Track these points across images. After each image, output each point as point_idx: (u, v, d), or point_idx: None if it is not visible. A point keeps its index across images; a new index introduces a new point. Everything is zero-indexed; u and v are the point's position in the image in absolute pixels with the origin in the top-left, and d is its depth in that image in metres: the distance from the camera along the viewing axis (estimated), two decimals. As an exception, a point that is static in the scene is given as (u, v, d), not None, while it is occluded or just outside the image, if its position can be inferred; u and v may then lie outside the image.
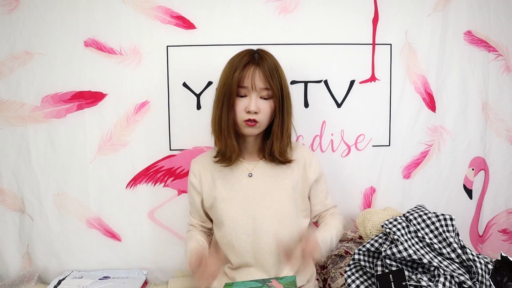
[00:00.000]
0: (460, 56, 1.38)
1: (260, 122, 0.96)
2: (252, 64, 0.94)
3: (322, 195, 1.08)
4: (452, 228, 0.99)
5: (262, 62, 0.94)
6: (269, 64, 0.94)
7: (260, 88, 0.94)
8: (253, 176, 1.01)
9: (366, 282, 0.99)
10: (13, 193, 1.32)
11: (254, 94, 0.94)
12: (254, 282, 0.91)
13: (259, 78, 0.93)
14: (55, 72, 1.28)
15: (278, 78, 0.95)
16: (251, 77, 0.92)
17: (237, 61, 0.95)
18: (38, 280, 1.31)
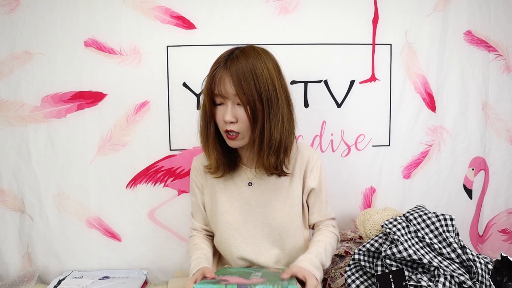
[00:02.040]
0: (460, 56, 1.38)
1: (242, 132, 0.86)
2: (221, 68, 0.84)
3: (319, 203, 1.01)
4: (452, 228, 0.99)
5: (232, 65, 0.82)
6: (242, 66, 0.82)
7: (231, 94, 0.83)
8: (253, 185, 0.97)
9: (366, 282, 0.99)
10: (13, 193, 1.32)
11: (229, 102, 0.84)
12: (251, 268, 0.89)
13: (227, 83, 0.82)
14: (55, 72, 1.28)
15: (254, 80, 0.81)
16: (219, 83, 0.83)
17: (213, 65, 0.87)
18: (38, 280, 1.31)
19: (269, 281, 0.75)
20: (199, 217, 1.06)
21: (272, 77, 0.85)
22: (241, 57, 0.84)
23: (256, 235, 0.97)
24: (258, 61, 0.84)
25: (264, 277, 0.78)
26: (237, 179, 0.97)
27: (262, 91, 0.82)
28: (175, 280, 1.33)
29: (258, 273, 0.83)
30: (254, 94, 0.82)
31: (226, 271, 0.88)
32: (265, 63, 0.85)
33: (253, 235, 0.97)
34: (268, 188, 0.97)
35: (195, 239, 1.03)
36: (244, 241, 0.97)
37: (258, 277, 0.78)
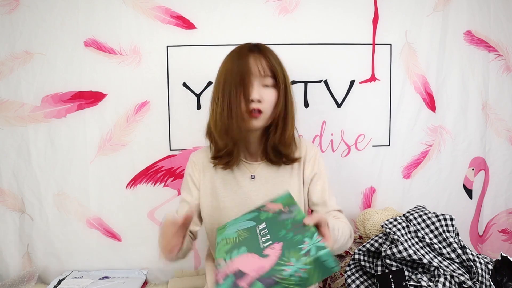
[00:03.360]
0: (460, 56, 1.38)
1: (265, 112, 0.88)
2: (254, 51, 0.89)
3: (322, 195, 0.98)
4: (452, 228, 0.99)
5: (265, 50, 0.90)
6: (272, 52, 0.91)
7: (264, 75, 0.88)
8: (256, 178, 0.97)
9: (366, 282, 0.99)
10: (13, 193, 1.32)
11: (256, 82, 0.87)
12: (248, 214, 0.83)
13: (262, 64, 0.87)
14: (55, 72, 1.29)
15: (281, 66, 0.90)
16: (253, 64, 0.87)
17: (237, 51, 0.91)
18: (38, 280, 1.31)
19: (286, 246, 0.65)
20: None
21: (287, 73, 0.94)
22: (268, 49, 0.92)
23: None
24: (279, 58, 0.93)
25: (277, 240, 0.67)
26: (237, 174, 0.97)
27: (285, 76, 0.91)
28: (175, 280, 1.33)
29: (264, 229, 0.74)
30: (283, 77, 0.90)
31: (224, 236, 0.79)
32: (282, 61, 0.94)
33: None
34: (269, 181, 0.97)
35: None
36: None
37: (269, 242, 0.68)
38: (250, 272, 0.63)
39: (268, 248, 0.67)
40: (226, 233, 0.80)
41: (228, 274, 0.65)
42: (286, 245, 0.65)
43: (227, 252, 0.72)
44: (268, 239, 0.69)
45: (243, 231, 0.77)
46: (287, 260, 0.61)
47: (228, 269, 0.66)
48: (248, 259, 0.67)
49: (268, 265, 0.62)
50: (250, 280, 0.61)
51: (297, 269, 0.59)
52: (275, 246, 0.66)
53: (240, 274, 0.63)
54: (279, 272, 0.59)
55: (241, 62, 0.87)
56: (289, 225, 0.70)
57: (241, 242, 0.73)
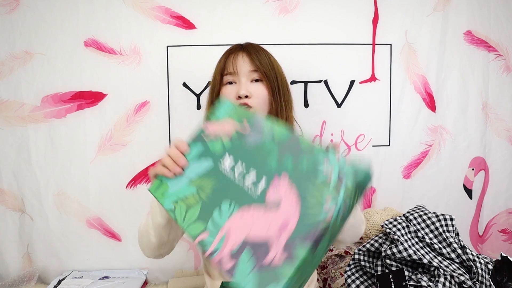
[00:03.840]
0: (460, 56, 1.38)
1: (255, 107, 0.85)
2: (236, 50, 0.89)
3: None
4: (452, 228, 0.99)
5: (248, 46, 0.89)
6: (256, 47, 0.89)
7: (248, 70, 0.86)
8: None
9: (366, 282, 0.99)
10: (13, 193, 1.32)
11: (243, 78, 0.86)
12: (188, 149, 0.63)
13: (244, 60, 0.86)
14: (55, 72, 1.28)
15: (267, 60, 0.87)
16: (234, 61, 0.86)
17: (225, 53, 0.90)
18: (38, 280, 1.31)
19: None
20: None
21: (280, 66, 0.92)
22: (254, 44, 0.91)
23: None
24: (270, 55, 0.91)
25: (271, 175, 0.49)
26: None
27: (275, 67, 0.89)
28: (175, 280, 1.33)
29: (235, 166, 0.53)
30: (270, 71, 0.87)
31: (174, 197, 0.57)
32: (272, 55, 0.92)
33: None
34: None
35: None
36: None
37: (259, 182, 0.49)
38: (270, 237, 0.43)
39: (268, 191, 0.47)
40: (173, 191, 0.55)
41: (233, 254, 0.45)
42: (296, 178, 0.46)
43: (201, 219, 0.50)
44: (253, 179, 0.49)
45: (203, 179, 0.53)
46: (317, 197, 0.43)
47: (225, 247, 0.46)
48: (249, 219, 0.46)
49: (292, 216, 0.44)
50: (280, 249, 0.42)
51: (340, 204, 0.42)
52: (275, 184, 0.47)
53: (254, 246, 0.44)
54: (320, 218, 0.42)
55: (224, 63, 0.87)
56: (274, 148, 0.50)
57: (212, 196, 0.51)
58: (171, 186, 0.58)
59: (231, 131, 0.57)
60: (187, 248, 1.37)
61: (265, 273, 0.42)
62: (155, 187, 0.61)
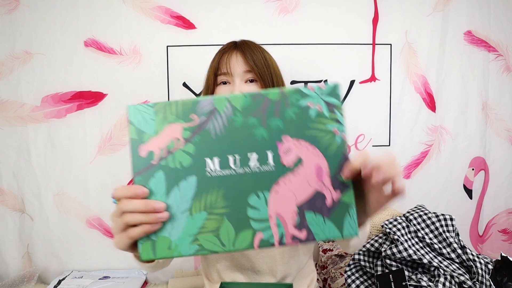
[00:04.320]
0: (460, 56, 1.38)
1: None
2: (230, 49, 0.86)
3: None
4: (452, 228, 0.99)
5: (242, 44, 0.86)
6: (250, 45, 0.86)
7: (242, 71, 0.83)
8: None
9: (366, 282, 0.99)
10: (13, 193, 1.32)
11: (237, 79, 0.83)
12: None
13: (238, 60, 0.83)
14: (55, 72, 1.28)
15: (262, 59, 0.84)
16: (228, 61, 0.83)
17: (221, 49, 0.88)
18: (38, 280, 1.31)
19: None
20: None
21: (276, 65, 0.89)
22: (248, 42, 0.88)
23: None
24: (266, 51, 0.88)
25: (269, 143, 0.48)
26: None
27: (271, 66, 0.85)
28: (175, 280, 1.33)
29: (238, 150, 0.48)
30: (265, 71, 0.83)
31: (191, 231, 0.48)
32: (270, 55, 0.90)
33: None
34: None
35: None
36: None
37: (268, 150, 0.48)
38: (316, 187, 0.47)
39: (281, 159, 0.47)
40: (179, 236, 0.46)
41: (298, 225, 0.47)
42: (295, 131, 0.47)
43: (241, 229, 0.47)
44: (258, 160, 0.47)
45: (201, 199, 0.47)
46: (323, 130, 0.47)
47: (288, 226, 0.46)
48: (286, 191, 0.47)
49: (318, 159, 0.47)
50: (331, 190, 0.47)
51: (342, 120, 0.48)
52: (283, 150, 0.47)
53: (310, 205, 0.47)
54: (338, 142, 0.48)
55: (217, 63, 0.86)
56: (249, 120, 0.48)
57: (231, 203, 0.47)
58: (172, 234, 0.47)
59: (179, 134, 0.47)
60: (187, 248, 1.37)
61: (335, 214, 0.47)
62: (149, 250, 0.46)
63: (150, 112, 0.47)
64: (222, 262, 0.99)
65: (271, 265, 0.96)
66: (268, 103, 0.47)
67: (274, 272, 0.96)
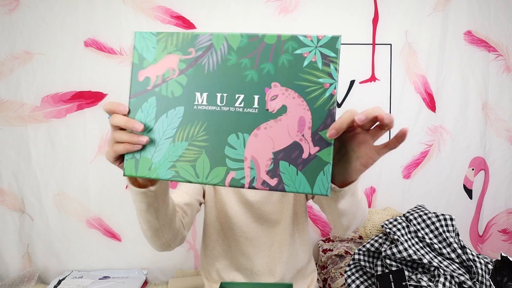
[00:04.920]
0: (460, 56, 1.38)
1: None
2: None
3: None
4: (452, 228, 0.99)
5: None
6: None
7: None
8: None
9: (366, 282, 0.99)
10: (13, 193, 1.32)
11: None
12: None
13: None
14: (55, 72, 1.29)
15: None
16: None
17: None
18: (38, 280, 1.31)
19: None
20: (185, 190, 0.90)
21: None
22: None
23: (255, 229, 0.97)
24: None
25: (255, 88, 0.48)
26: None
27: None
28: (175, 280, 1.33)
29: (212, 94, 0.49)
30: None
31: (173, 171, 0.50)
32: None
33: (252, 229, 0.97)
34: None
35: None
36: (242, 235, 0.97)
37: (249, 100, 0.48)
38: (295, 138, 0.47)
39: (267, 105, 0.48)
40: (160, 159, 0.49)
41: (270, 171, 0.47)
42: (285, 79, 0.47)
43: (217, 164, 0.48)
44: (244, 102, 0.48)
45: (185, 129, 0.49)
46: (313, 82, 0.47)
47: (260, 170, 0.47)
48: (265, 136, 0.47)
49: (303, 110, 0.47)
50: (310, 143, 0.47)
51: (336, 75, 0.49)
52: (270, 95, 0.48)
53: (286, 154, 0.47)
54: (326, 97, 0.48)
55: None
56: (243, 61, 0.48)
57: (212, 138, 0.48)
58: (154, 157, 0.50)
59: (175, 64, 0.49)
60: (187, 248, 1.37)
61: (309, 168, 0.46)
62: (132, 167, 0.50)
63: (153, 40, 0.50)
64: (221, 261, 1.00)
65: (270, 264, 0.96)
66: (263, 46, 0.48)
67: (273, 272, 0.96)
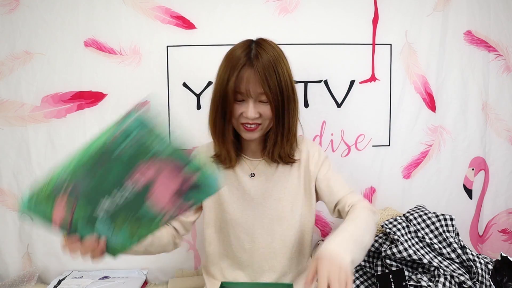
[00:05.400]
0: (460, 56, 1.38)
1: (262, 125, 0.89)
2: (246, 66, 0.83)
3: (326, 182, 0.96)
4: (452, 228, 0.99)
5: (257, 61, 0.83)
6: (265, 62, 0.83)
7: (257, 93, 0.84)
8: (255, 176, 0.98)
9: (366, 282, 0.99)
10: (13, 193, 1.32)
11: (251, 100, 0.85)
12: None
13: (254, 82, 0.83)
14: (55, 72, 1.28)
15: (276, 78, 0.83)
16: (245, 83, 0.83)
17: (233, 62, 0.85)
18: (38, 280, 1.31)
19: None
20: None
21: (289, 73, 0.88)
22: (263, 51, 0.85)
23: (256, 226, 0.97)
24: (278, 58, 0.86)
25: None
26: (238, 170, 0.98)
27: (283, 87, 0.85)
28: (175, 280, 1.33)
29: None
30: (277, 92, 0.84)
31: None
32: (282, 58, 0.88)
33: (252, 226, 0.97)
34: (268, 178, 0.97)
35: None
36: (243, 231, 0.97)
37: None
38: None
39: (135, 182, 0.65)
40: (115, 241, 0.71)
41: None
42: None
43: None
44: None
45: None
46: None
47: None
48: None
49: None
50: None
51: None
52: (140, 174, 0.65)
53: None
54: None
55: (234, 81, 0.83)
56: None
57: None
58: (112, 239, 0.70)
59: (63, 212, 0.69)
60: (187, 248, 1.37)
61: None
62: (112, 253, 0.73)
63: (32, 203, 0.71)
64: (225, 261, 1.01)
65: (271, 261, 0.97)
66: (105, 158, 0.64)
67: (275, 269, 0.97)
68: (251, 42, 0.90)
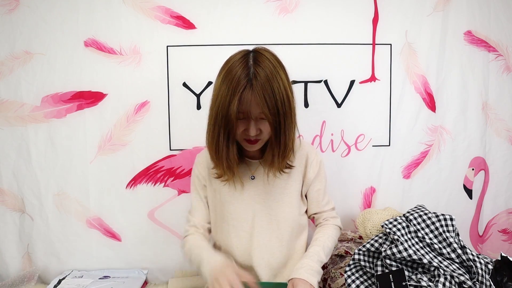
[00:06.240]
0: (460, 56, 1.38)
1: (263, 138, 0.92)
2: (247, 89, 0.83)
3: (317, 195, 1.04)
4: (452, 228, 0.99)
5: (256, 82, 0.83)
6: (263, 81, 0.83)
7: (257, 113, 0.86)
8: (256, 178, 1.00)
9: (366, 282, 0.99)
10: (13, 193, 1.32)
11: (252, 120, 0.87)
12: None
13: (254, 104, 0.84)
14: (55, 72, 1.29)
15: (274, 96, 0.84)
16: (246, 105, 0.84)
17: (234, 84, 0.84)
18: (38, 280, 1.31)
19: None
20: (200, 213, 1.05)
21: (286, 88, 0.87)
22: (261, 72, 0.84)
23: (255, 226, 1.00)
24: (274, 73, 0.86)
25: None
26: (240, 171, 0.98)
27: (279, 106, 0.85)
28: (175, 280, 1.33)
29: None
30: (275, 113, 0.85)
31: None
32: (280, 74, 0.87)
33: (252, 226, 1.00)
34: (268, 181, 0.99)
35: (195, 237, 1.03)
36: (243, 231, 0.99)
37: None
38: None
39: None
40: None
41: None
42: None
43: None
44: None
45: None
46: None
47: None
48: None
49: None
50: None
51: None
52: None
53: None
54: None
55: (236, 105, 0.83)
56: None
57: None
58: None
59: None
60: (187, 248, 1.37)
61: None
62: None
63: None
64: None
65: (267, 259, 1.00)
66: None
67: (271, 266, 1.01)
68: (248, 56, 0.88)
